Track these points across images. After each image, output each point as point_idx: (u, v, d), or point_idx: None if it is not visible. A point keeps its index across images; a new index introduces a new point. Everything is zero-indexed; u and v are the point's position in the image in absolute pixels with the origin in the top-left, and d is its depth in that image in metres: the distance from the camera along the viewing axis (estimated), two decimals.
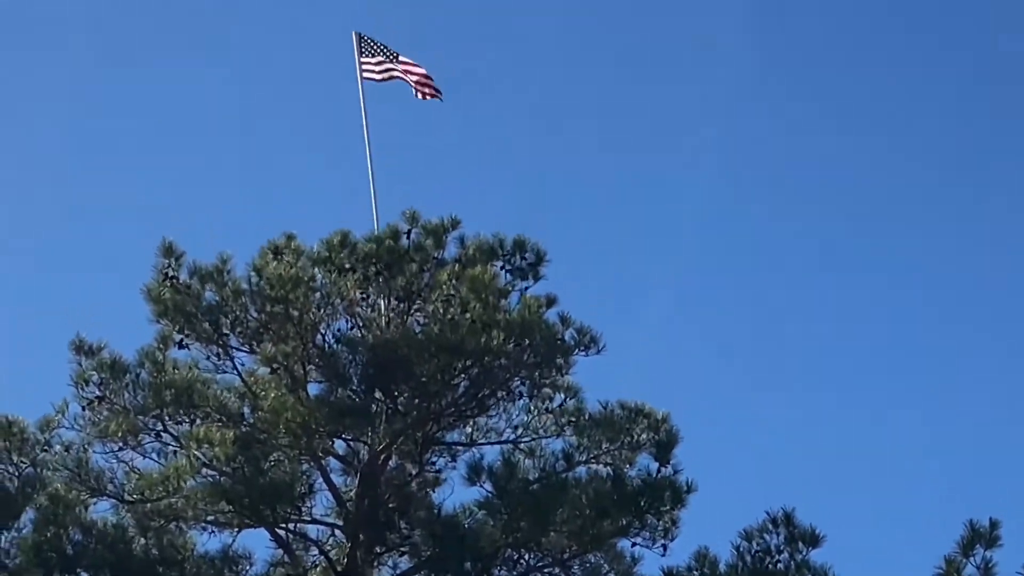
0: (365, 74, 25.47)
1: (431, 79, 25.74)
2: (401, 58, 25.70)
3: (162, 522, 20.42)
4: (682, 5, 50.54)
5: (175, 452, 20.85)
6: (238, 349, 21.49)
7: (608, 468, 21.09)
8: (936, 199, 50.17)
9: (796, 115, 50.71)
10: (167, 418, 20.91)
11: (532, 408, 21.64)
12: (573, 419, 21.57)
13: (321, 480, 21.26)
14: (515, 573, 20.80)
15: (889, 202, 49.68)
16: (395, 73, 25.55)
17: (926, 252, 48.91)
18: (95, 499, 20.65)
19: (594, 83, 50.30)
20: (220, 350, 21.42)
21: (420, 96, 25.62)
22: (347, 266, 21.60)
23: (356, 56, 25.47)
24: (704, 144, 48.50)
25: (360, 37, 25.65)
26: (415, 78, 25.56)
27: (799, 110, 50.79)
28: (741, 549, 19.90)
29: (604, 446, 21.21)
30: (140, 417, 20.80)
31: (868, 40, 50.89)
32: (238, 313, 21.25)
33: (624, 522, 20.60)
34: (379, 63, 25.49)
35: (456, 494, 21.31)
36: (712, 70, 48.74)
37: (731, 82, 48.49)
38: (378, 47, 25.63)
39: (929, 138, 50.67)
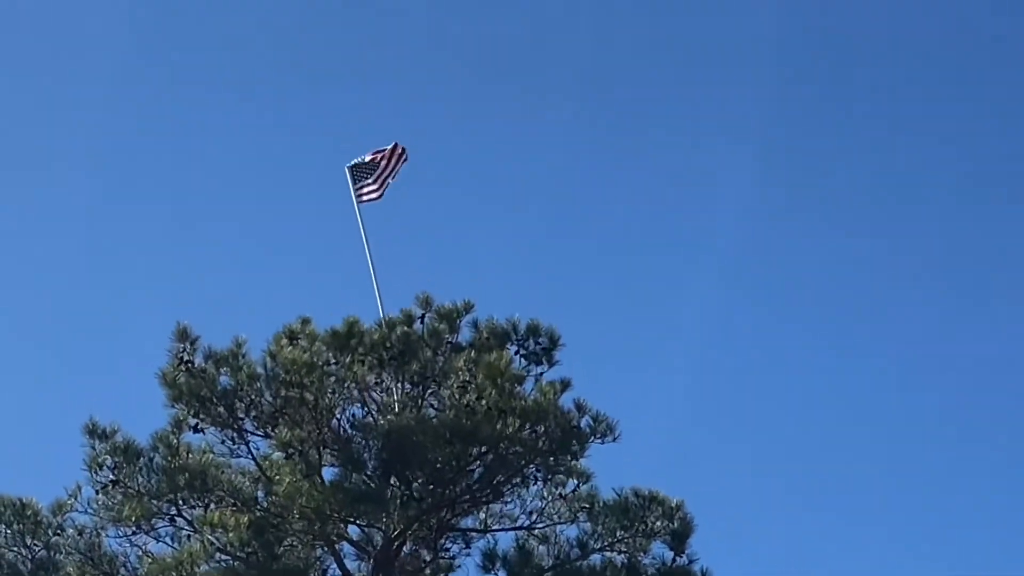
0: (362, 199, 25.59)
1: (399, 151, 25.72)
2: (375, 159, 25.70)
3: None
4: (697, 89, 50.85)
5: (189, 536, 20.81)
6: (253, 433, 21.46)
7: (623, 556, 21.05)
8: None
9: (807, 197, 50.90)
10: (181, 502, 20.85)
11: (546, 494, 21.60)
12: (587, 505, 21.50)
13: (335, 566, 21.31)
14: None
15: (894, 285, 49.89)
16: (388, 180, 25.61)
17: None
18: None
19: (606, 164, 50.46)
20: (235, 434, 21.38)
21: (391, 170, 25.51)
22: (361, 351, 21.61)
23: (351, 187, 25.45)
24: (717, 228, 48.57)
25: (352, 170, 25.73)
26: (390, 171, 25.59)
27: (810, 195, 51.05)
28: None
29: (618, 533, 21.14)
30: (154, 501, 20.74)
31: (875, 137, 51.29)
32: (253, 397, 21.22)
33: None
34: (371, 185, 25.61)
35: None
36: (727, 146, 48.95)
37: (747, 157, 48.70)
38: (365, 168, 25.71)
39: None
